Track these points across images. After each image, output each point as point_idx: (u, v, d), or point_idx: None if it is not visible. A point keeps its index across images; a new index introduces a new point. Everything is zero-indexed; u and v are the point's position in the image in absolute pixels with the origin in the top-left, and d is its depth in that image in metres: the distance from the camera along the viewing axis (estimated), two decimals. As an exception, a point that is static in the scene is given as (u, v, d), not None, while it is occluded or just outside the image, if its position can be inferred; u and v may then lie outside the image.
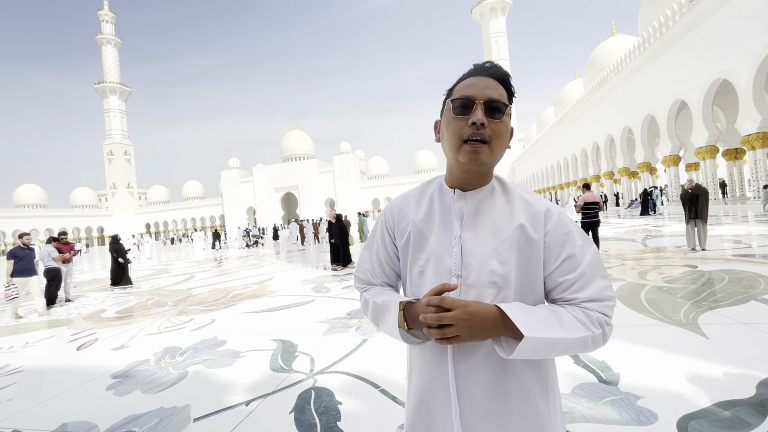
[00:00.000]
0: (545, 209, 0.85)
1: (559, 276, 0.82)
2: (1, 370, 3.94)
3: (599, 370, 2.70)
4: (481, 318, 0.73)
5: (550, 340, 0.73)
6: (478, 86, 0.84)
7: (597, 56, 36.89)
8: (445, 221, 0.88)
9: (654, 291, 4.68)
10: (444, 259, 0.85)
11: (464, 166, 0.84)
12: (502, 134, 0.83)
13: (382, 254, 0.98)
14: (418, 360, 0.90)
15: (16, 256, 7.18)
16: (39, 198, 68.56)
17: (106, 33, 73.83)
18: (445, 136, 0.87)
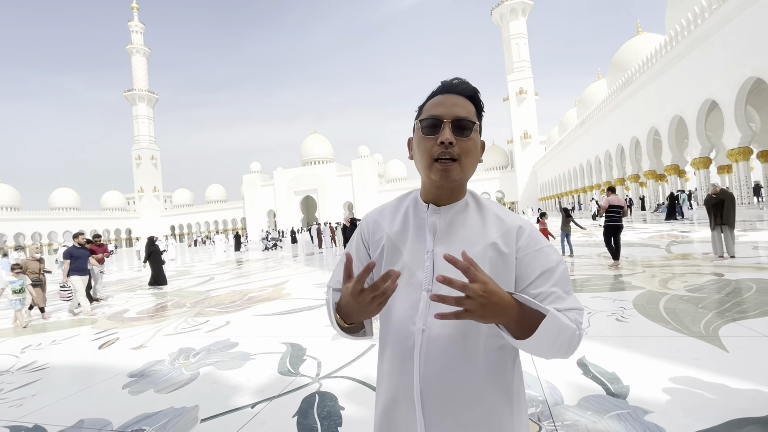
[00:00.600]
0: (517, 226, 0.86)
1: (533, 289, 0.82)
2: (28, 366, 4.16)
3: (608, 381, 2.62)
4: (498, 299, 0.68)
5: (561, 324, 0.71)
6: (446, 105, 0.85)
7: (621, 56, 35.89)
8: (419, 235, 0.89)
9: (674, 300, 4.50)
10: (416, 272, 0.86)
11: (436, 183, 0.86)
12: (470, 151, 0.85)
13: (356, 265, 0.97)
14: (386, 369, 0.90)
15: (72, 256, 7.26)
16: (72, 201, 71.85)
17: (135, 43, 77.04)
18: (417, 155, 0.88)
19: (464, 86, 0.88)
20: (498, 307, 0.69)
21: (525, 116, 61.31)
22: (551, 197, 53.39)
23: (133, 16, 77.67)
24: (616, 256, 7.36)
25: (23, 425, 2.73)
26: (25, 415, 2.89)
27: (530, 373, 2.84)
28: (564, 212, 9.58)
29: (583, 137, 38.22)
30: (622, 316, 4.10)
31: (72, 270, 7.15)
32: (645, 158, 26.07)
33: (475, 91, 0.89)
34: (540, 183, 59.77)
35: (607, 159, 32.86)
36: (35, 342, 5.25)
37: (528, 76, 61.06)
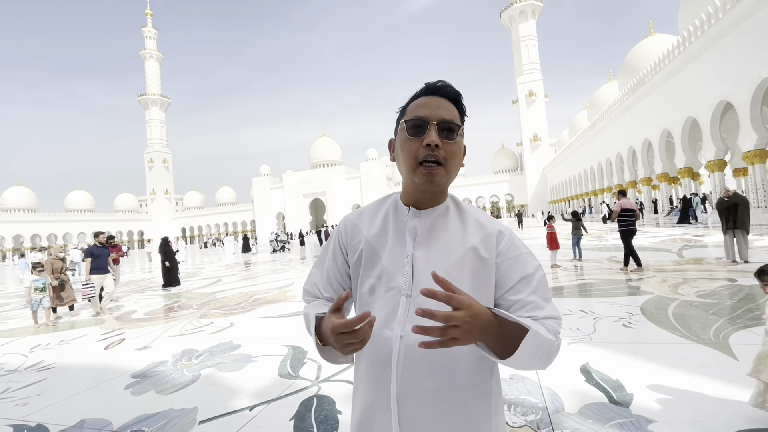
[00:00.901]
0: (497, 231, 0.86)
1: (511, 295, 0.82)
2: (35, 365, 4.23)
3: (611, 389, 2.56)
4: (481, 320, 0.67)
5: (541, 338, 0.71)
6: (431, 106, 0.84)
7: (633, 57, 35.42)
8: (399, 239, 0.87)
9: (684, 306, 4.39)
10: (395, 277, 0.84)
11: (420, 186, 0.84)
12: (455, 154, 0.84)
13: (332, 270, 0.96)
14: (363, 377, 0.88)
15: (93, 254, 7.35)
16: (87, 203, 73.31)
17: (149, 48, 78.55)
18: (400, 157, 0.86)
19: (448, 89, 0.87)
20: (481, 328, 0.67)
21: (535, 119, 60.81)
22: (561, 200, 52.76)
23: (147, 22, 79.28)
24: (638, 262, 7.05)
25: (26, 424, 2.77)
26: (29, 414, 2.93)
27: (531, 379, 2.79)
28: (574, 216, 9.44)
29: (594, 139, 37.75)
30: (628, 321, 4.01)
31: (93, 269, 7.24)
32: (657, 161, 25.63)
33: (458, 95, 0.88)
34: (550, 186, 59.14)
35: (618, 161, 32.38)
36: (44, 341, 5.34)
37: (538, 78, 60.61)
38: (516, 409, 2.41)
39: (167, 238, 11.57)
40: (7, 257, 52.52)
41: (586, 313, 4.44)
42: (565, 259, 9.31)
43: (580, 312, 4.52)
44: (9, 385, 3.63)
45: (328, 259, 0.98)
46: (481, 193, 64.33)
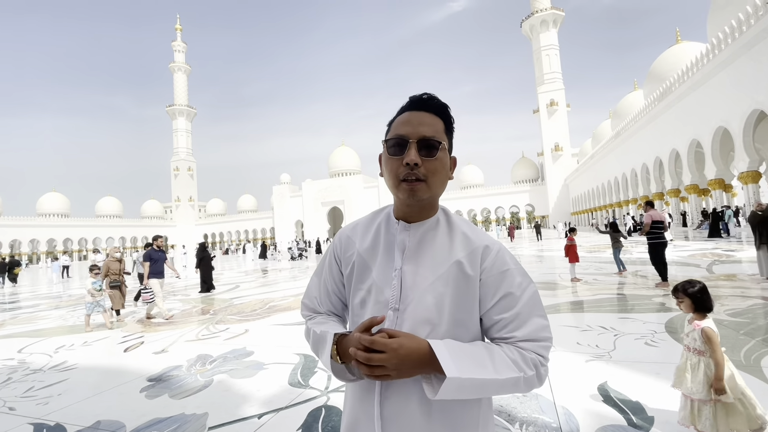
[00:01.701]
0: (484, 246, 0.84)
1: (495, 314, 0.81)
2: (58, 366, 4.38)
3: (631, 411, 2.44)
4: (412, 358, 0.72)
5: (477, 381, 0.72)
6: (412, 123, 0.83)
7: (660, 65, 34.53)
8: (388, 252, 0.88)
9: (712, 325, 4.16)
10: (384, 290, 0.85)
11: (404, 201, 0.85)
12: (437, 170, 0.83)
13: (329, 282, 0.97)
14: (350, 394, 0.89)
15: (152, 259, 7.18)
16: (116, 209, 76.36)
17: (177, 61, 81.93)
18: (385, 174, 0.87)
19: (433, 102, 0.86)
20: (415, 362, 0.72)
21: (556, 128, 59.84)
22: (584, 211, 51.43)
23: (176, 36, 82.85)
24: (665, 276, 6.77)
25: (46, 423, 2.86)
26: (49, 414, 3.03)
27: (545, 397, 2.70)
28: (612, 227, 9.01)
29: (619, 149, 36.78)
30: (651, 340, 3.84)
31: (151, 273, 7.06)
32: (686, 171, 24.70)
33: (443, 107, 0.87)
34: (572, 197, 57.79)
35: (644, 172, 31.39)
36: (69, 342, 5.54)
37: (559, 87, 59.80)
38: (528, 428, 2.33)
39: (204, 243, 11.36)
40: (41, 260, 55.02)
41: (606, 330, 4.27)
42: (600, 272, 9.03)
43: (600, 328, 4.35)
44: (33, 384, 3.77)
45: (325, 271, 0.98)
46: (500, 204, 63.45)
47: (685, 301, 2.28)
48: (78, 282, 18.17)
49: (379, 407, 0.80)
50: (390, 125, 0.89)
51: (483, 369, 0.72)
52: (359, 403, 0.85)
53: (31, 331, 6.61)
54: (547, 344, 0.79)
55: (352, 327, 0.91)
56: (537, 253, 16.20)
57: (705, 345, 2.12)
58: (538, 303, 0.82)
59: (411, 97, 0.88)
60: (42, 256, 55.74)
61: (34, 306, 10.31)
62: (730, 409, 1.96)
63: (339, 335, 0.84)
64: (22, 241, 54.20)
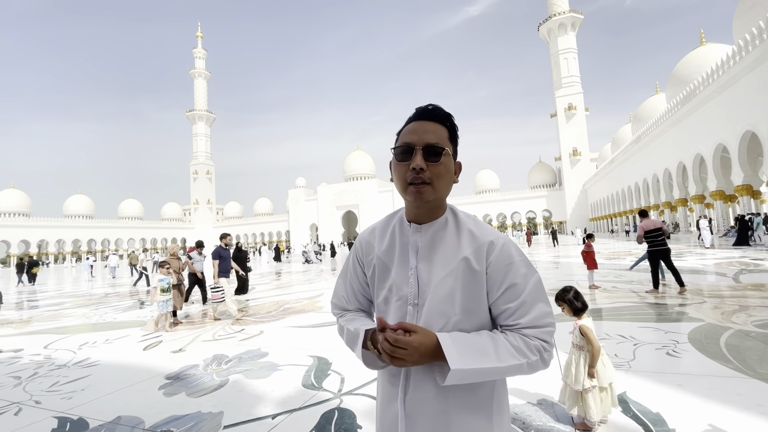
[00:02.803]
0: (489, 241, 0.91)
1: (502, 304, 0.89)
2: (82, 362, 4.53)
3: (651, 423, 2.37)
4: (423, 349, 0.81)
5: (480, 370, 0.81)
6: (418, 132, 0.91)
7: (683, 67, 33.60)
8: (404, 253, 0.97)
9: (739, 336, 4.01)
10: (402, 288, 0.94)
11: (413, 204, 0.93)
12: (442, 174, 0.91)
13: (355, 283, 1.07)
14: (380, 380, 1.02)
15: (221, 257, 7.04)
16: (137, 211, 78.60)
17: (198, 67, 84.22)
18: (395, 179, 0.95)
19: (437, 112, 0.94)
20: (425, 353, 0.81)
21: (574, 133, 58.84)
22: (603, 217, 50.28)
23: (197, 43, 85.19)
24: (656, 284, 6.89)
25: (70, 417, 2.96)
26: (73, 408, 3.13)
27: (561, 406, 2.64)
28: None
29: (639, 154, 35.89)
30: (673, 350, 3.72)
31: (220, 272, 6.93)
32: (711, 177, 23.90)
33: (447, 116, 0.94)
34: (591, 202, 56.59)
35: (666, 177, 30.53)
36: (92, 340, 5.72)
37: (578, 91, 58.86)
38: (543, 437, 2.29)
39: (240, 243, 11.17)
40: (67, 260, 57.00)
41: (626, 339, 4.16)
42: (619, 280, 8.81)
43: (619, 337, 4.24)
44: (58, 379, 3.91)
45: (350, 273, 1.09)
46: (516, 209, 62.62)
47: (565, 307, 2.56)
48: (100, 281, 18.75)
49: (403, 391, 0.92)
50: (399, 134, 0.97)
51: (486, 358, 0.81)
52: (388, 386, 0.97)
53: (57, 328, 6.85)
54: (550, 329, 0.87)
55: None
56: (554, 260, 15.90)
57: (583, 340, 2.42)
58: (542, 291, 0.89)
59: (417, 108, 0.96)
60: (68, 255, 57.73)
61: (58, 304, 10.68)
62: (603, 396, 2.34)
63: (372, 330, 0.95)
64: (49, 241, 56.29)
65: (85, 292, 13.98)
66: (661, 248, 6.92)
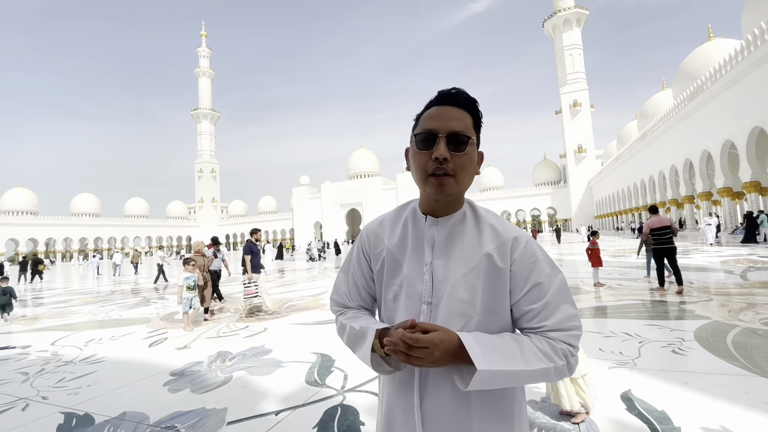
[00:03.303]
0: (512, 237, 0.85)
1: (525, 305, 0.83)
2: (88, 358, 4.57)
3: (656, 421, 2.35)
4: (444, 346, 0.74)
5: (507, 372, 0.73)
6: (441, 118, 0.83)
7: (690, 63, 33.21)
8: (418, 247, 0.89)
9: (746, 334, 3.97)
10: (415, 285, 0.87)
11: (432, 196, 0.86)
12: (466, 165, 0.84)
13: (359, 278, 0.98)
14: (387, 385, 0.92)
15: (252, 252, 6.96)
16: (143, 209, 79.10)
17: (202, 66, 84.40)
18: (412, 168, 0.88)
19: (461, 96, 0.86)
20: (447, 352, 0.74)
21: (579, 129, 58.38)
22: (609, 215, 49.91)
23: (201, 42, 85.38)
24: (662, 282, 6.82)
25: (76, 412, 2.99)
26: (79, 404, 3.16)
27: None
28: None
29: (646, 151, 35.55)
30: (679, 348, 3.68)
31: (253, 267, 6.86)
32: (719, 174, 23.64)
33: (472, 102, 0.87)
34: (596, 200, 56.19)
35: (673, 174, 30.22)
36: (98, 336, 5.77)
37: (583, 87, 58.35)
38: (547, 435, 2.28)
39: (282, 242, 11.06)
40: (74, 258, 57.56)
41: (631, 336, 4.13)
42: (624, 277, 8.75)
43: (624, 335, 4.21)
44: (65, 375, 3.95)
45: (353, 267, 1.00)
46: (521, 206, 62.32)
47: None
48: (107, 279, 18.92)
49: (418, 398, 0.84)
50: (418, 119, 0.89)
51: (512, 360, 0.74)
52: (397, 393, 0.88)
53: (64, 325, 6.92)
54: (577, 333, 0.80)
55: (384, 320, 0.94)
56: (557, 257, 15.82)
57: None
58: (567, 292, 0.83)
59: (440, 91, 0.88)
60: (75, 253, 58.30)
61: (66, 301, 10.78)
62: (576, 385, 2.41)
63: (381, 330, 0.85)
64: (56, 239, 56.85)
65: (92, 289, 14.12)
66: (666, 246, 6.82)
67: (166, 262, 16.55)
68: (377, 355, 0.84)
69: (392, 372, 0.85)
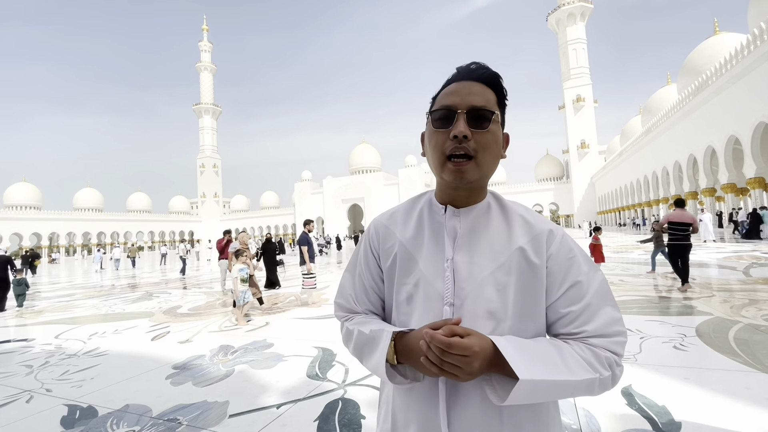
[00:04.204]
0: (548, 230, 0.77)
1: (562, 307, 0.74)
2: (92, 351, 4.60)
3: (656, 416, 2.35)
4: (483, 354, 0.64)
5: (551, 383, 0.64)
6: (460, 93, 0.75)
7: (695, 57, 32.88)
8: (436, 241, 0.79)
9: (748, 330, 3.96)
10: (435, 283, 0.76)
11: (451, 184, 0.76)
12: (489, 145, 0.74)
13: (366, 278, 0.87)
14: (403, 402, 0.79)
15: (308, 243, 6.93)
16: (145, 204, 79.41)
17: (204, 61, 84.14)
18: (428, 152, 0.79)
19: (483, 71, 0.77)
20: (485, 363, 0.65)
21: (583, 125, 58.06)
22: (611, 211, 49.76)
23: (203, 36, 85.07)
24: (685, 279, 6.46)
25: (79, 405, 3.02)
26: (82, 396, 3.19)
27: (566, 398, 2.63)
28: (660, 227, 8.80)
29: (649, 146, 35.35)
30: (681, 343, 3.68)
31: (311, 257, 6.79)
32: (723, 170, 23.49)
33: (495, 76, 0.77)
34: (599, 196, 56.00)
35: (676, 170, 30.06)
36: (101, 330, 5.81)
37: (586, 82, 57.94)
38: (547, 429, 2.28)
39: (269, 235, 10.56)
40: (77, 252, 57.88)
41: (632, 332, 4.12)
42: (626, 273, 8.73)
43: (626, 330, 4.20)
44: (68, 368, 3.98)
45: (359, 266, 0.89)
46: (523, 202, 61.81)
47: None
48: (110, 273, 19.02)
49: (446, 415, 0.72)
50: (434, 99, 0.80)
51: (555, 369, 0.65)
52: (415, 407, 0.76)
53: (67, 319, 6.97)
54: (622, 339, 0.71)
55: (396, 325, 0.83)
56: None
57: None
58: (609, 293, 0.74)
59: (458, 67, 0.80)
60: (78, 248, 58.62)
61: (69, 295, 10.86)
62: None
63: (398, 333, 0.74)
64: (60, 234, 57.15)
65: (96, 283, 14.21)
66: (682, 243, 6.50)
67: (188, 256, 16.77)
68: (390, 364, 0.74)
69: (410, 384, 0.74)
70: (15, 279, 8.87)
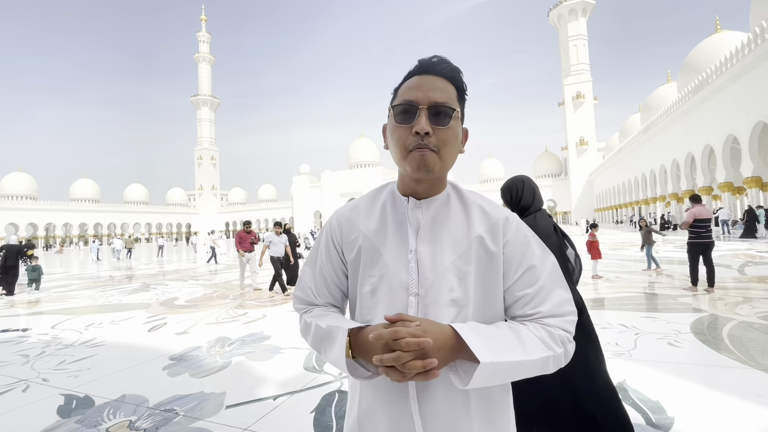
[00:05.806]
0: (504, 218, 0.80)
1: (518, 290, 0.77)
2: (88, 342, 4.60)
3: (650, 411, 2.37)
4: (439, 346, 0.65)
5: (510, 364, 0.67)
6: (422, 88, 0.75)
7: (696, 56, 32.83)
8: (400, 233, 0.80)
9: (741, 327, 3.99)
10: (399, 274, 0.77)
11: (414, 175, 0.77)
12: (449, 141, 0.76)
13: (327, 271, 0.87)
14: (371, 396, 0.79)
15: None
16: (142, 196, 79.06)
17: (202, 52, 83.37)
18: (390, 145, 0.79)
19: (444, 66, 0.78)
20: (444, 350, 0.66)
21: (582, 122, 58.05)
22: (609, 208, 49.93)
23: (201, 27, 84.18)
24: (711, 281, 6.04)
25: (76, 394, 3.02)
26: (79, 386, 3.19)
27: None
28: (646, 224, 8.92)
29: (648, 144, 35.39)
30: (675, 340, 3.71)
31: None
32: (720, 168, 23.56)
33: (456, 71, 0.79)
34: (596, 193, 56.14)
35: (674, 168, 30.14)
36: (98, 321, 5.81)
37: (586, 79, 57.83)
38: (541, 423, 2.30)
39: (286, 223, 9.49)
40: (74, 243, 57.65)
41: (627, 328, 4.16)
42: (623, 270, 8.78)
43: (621, 326, 4.24)
44: (65, 358, 3.98)
45: (320, 259, 0.88)
46: (521, 198, 62.20)
47: None
48: (107, 264, 18.99)
49: (416, 402, 0.73)
50: (396, 91, 0.81)
51: (513, 351, 0.68)
52: (385, 399, 0.76)
53: (64, 309, 6.96)
54: (573, 318, 0.75)
55: (359, 318, 0.82)
56: (557, 250, 15.84)
57: None
58: (560, 275, 0.78)
59: (420, 60, 0.80)
60: (74, 239, 58.40)
61: (65, 286, 10.83)
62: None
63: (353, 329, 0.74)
64: (56, 224, 56.88)
65: (92, 274, 14.18)
66: (705, 241, 6.13)
67: (218, 245, 16.75)
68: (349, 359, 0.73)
69: (372, 377, 0.74)
70: (30, 266, 10.09)
